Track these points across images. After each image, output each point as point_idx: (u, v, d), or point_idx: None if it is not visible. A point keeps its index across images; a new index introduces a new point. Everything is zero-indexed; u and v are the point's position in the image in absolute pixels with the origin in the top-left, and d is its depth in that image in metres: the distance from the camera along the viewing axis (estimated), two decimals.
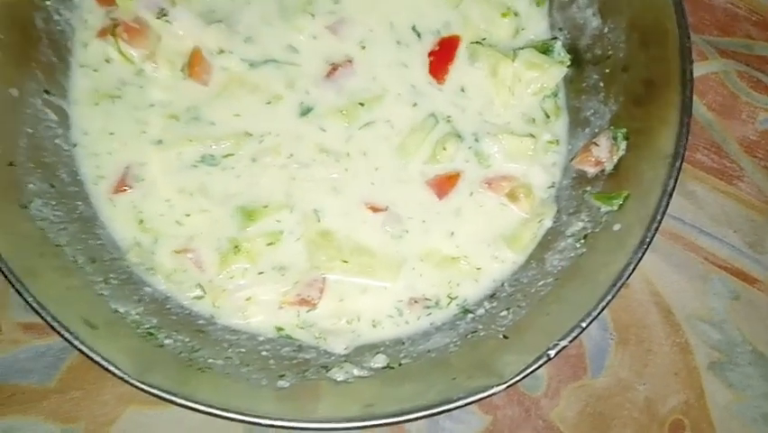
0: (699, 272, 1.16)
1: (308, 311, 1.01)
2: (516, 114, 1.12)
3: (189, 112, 1.07)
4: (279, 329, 1.01)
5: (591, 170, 1.03)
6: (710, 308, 1.15)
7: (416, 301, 1.02)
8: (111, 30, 1.07)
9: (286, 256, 1.03)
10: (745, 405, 1.11)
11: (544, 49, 1.11)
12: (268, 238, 1.03)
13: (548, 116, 1.11)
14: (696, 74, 1.18)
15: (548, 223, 1.05)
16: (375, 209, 1.05)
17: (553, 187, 1.09)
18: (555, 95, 1.12)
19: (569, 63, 1.11)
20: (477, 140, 1.09)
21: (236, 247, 1.01)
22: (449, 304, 1.03)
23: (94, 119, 1.06)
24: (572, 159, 1.07)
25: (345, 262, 1.01)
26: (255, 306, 1.01)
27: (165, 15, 1.07)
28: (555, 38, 1.13)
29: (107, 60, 1.08)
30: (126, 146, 1.05)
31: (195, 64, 1.07)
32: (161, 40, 1.07)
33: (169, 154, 1.05)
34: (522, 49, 1.11)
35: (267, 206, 1.04)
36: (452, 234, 1.06)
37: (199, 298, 1.01)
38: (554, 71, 1.10)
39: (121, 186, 1.03)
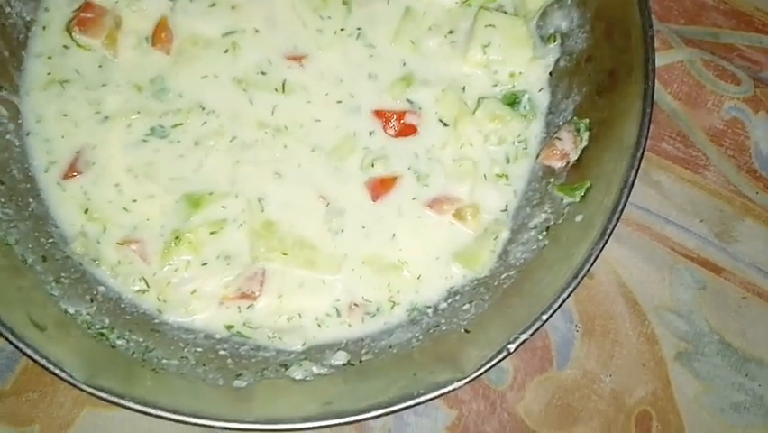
0: (665, 262, 1.15)
1: (249, 307, 0.99)
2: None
3: (154, 83, 1.06)
4: (229, 327, 0.99)
5: (558, 164, 1.02)
6: (677, 299, 1.14)
7: (356, 305, 1.00)
8: (65, 25, 1.07)
9: (229, 244, 1.01)
10: (713, 395, 1.11)
11: (511, 100, 1.07)
12: (211, 227, 1.01)
13: (508, 161, 1.07)
14: (661, 63, 1.19)
15: (506, 235, 1.03)
16: (323, 198, 1.03)
17: (506, 210, 1.05)
18: (525, 146, 1.07)
19: (533, 117, 1.08)
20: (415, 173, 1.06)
21: (177, 238, 0.99)
22: (392, 308, 1.01)
23: (48, 104, 1.04)
24: (537, 156, 1.05)
25: (285, 254, 1.00)
26: (198, 300, 0.99)
27: None
28: (525, 91, 1.08)
29: (66, 47, 1.07)
30: (78, 127, 1.04)
31: (160, 32, 1.07)
32: (123, 20, 1.07)
33: (119, 127, 1.04)
34: (487, 98, 1.07)
35: (212, 192, 1.02)
36: (395, 238, 1.03)
37: (143, 291, 0.99)
38: (516, 125, 1.06)
39: (71, 171, 1.02)
